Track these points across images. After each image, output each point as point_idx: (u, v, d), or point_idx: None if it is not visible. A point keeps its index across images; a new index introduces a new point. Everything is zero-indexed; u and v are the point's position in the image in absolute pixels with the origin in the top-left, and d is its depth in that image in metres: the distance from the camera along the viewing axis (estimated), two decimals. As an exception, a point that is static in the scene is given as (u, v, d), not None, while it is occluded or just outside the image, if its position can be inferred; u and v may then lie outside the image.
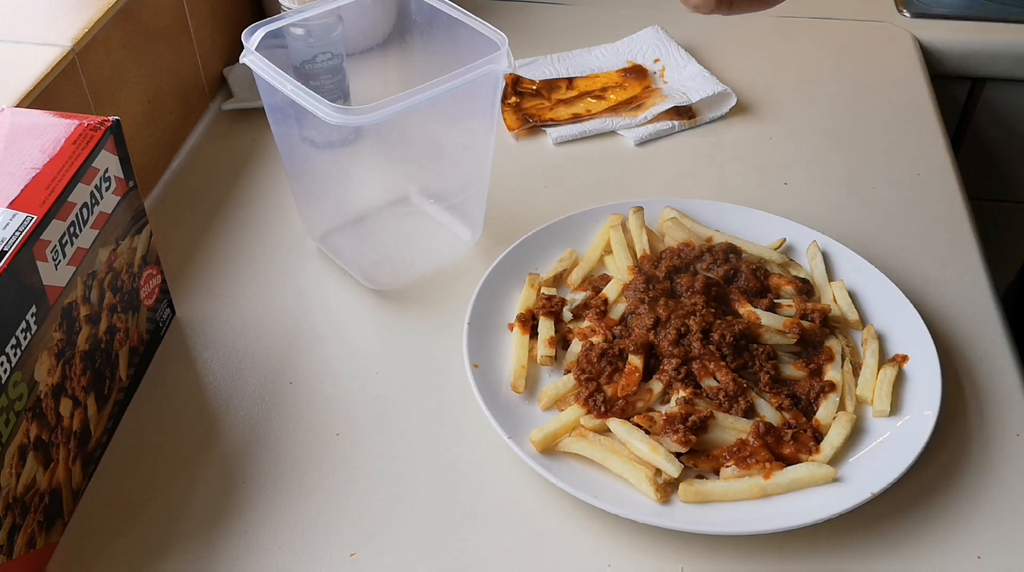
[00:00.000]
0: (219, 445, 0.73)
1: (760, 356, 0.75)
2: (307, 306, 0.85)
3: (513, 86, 1.09)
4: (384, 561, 0.66)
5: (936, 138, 1.04)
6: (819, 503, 0.66)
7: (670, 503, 0.67)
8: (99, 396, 0.71)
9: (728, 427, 0.70)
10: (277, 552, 0.66)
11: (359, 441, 0.74)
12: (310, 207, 0.89)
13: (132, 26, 0.90)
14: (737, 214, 0.89)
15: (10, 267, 0.58)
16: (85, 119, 0.69)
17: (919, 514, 0.68)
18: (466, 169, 0.90)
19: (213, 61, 1.08)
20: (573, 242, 0.87)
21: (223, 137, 1.05)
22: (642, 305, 0.78)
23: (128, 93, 0.91)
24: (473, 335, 0.77)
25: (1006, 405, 0.76)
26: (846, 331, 0.80)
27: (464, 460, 0.72)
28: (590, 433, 0.71)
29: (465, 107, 0.83)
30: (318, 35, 0.88)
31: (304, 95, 0.71)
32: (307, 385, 0.78)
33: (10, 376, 0.58)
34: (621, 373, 0.74)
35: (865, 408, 0.74)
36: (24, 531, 0.62)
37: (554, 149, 1.03)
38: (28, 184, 0.63)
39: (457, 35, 0.81)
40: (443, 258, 0.89)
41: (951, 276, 0.87)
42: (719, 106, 1.07)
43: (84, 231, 0.66)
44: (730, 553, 0.66)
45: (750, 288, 0.81)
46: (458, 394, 0.76)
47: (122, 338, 0.73)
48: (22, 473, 0.61)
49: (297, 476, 0.71)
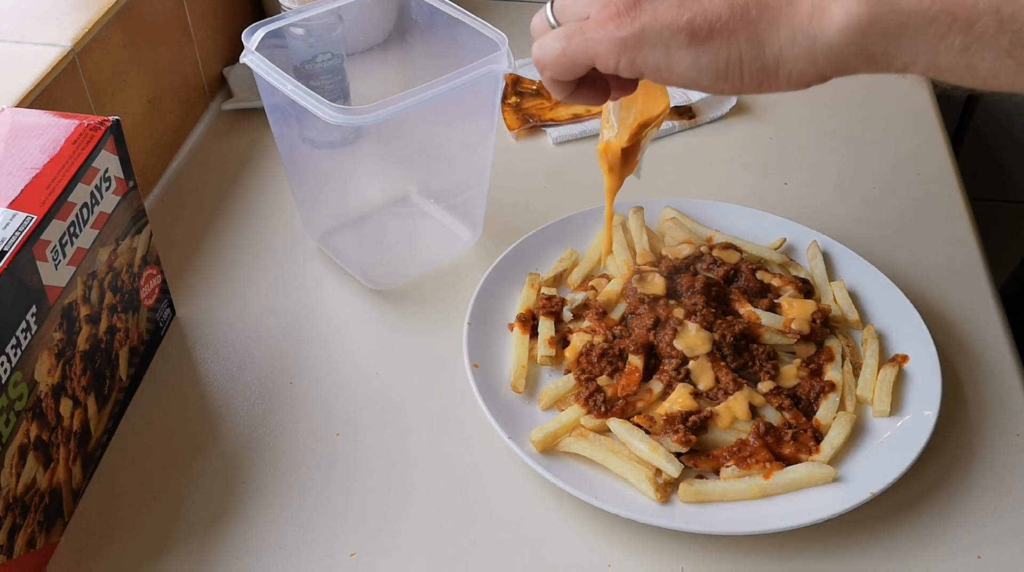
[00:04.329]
0: (219, 445, 0.73)
1: (760, 356, 0.75)
2: (307, 306, 0.85)
3: (513, 86, 1.09)
4: (384, 561, 0.66)
5: (936, 138, 1.04)
6: (819, 503, 0.66)
7: (670, 503, 0.67)
8: (99, 396, 0.71)
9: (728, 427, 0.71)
10: (277, 552, 0.66)
11: (359, 441, 0.74)
12: (310, 207, 0.89)
13: (132, 26, 0.90)
14: (737, 214, 0.89)
15: (10, 267, 0.58)
16: (85, 119, 0.69)
17: (919, 514, 0.68)
18: (466, 169, 0.90)
19: (213, 61, 1.08)
20: (573, 242, 0.87)
21: (223, 137, 1.05)
22: (642, 305, 0.78)
23: (128, 93, 0.91)
24: (473, 335, 0.77)
25: (1006, 405, 0.76)
26: (846, 331, 0.80)
27: (464, 460, 0.72)
28: (590, 433, 0.71)
29: (465, 107, 0.83)
30: (318, 35, 0.88)
31: (304, 95, 0.71)
32: (307, 385, 0.78)
33: (10, 376, 0.58)
34: (621, 373, 0.74)
35: (865, 408, 0.74)
36: (24, 531, 0.62)
37: (554, 149, 1.03)
38: (28, 184, 0.63)
39: (457, 35, 0.81)
40: (443, 258, 0.89)
41: (951, 276, 0.87)
42: (719, 106, 1.07)
43: (84, 231, 0.66)
44: (730, 553, 0.66)
45: (750, 288, 0.81)
46: (458, 394, 0.76)
47: (122, 338, 0.73)
48: (22, 473, 0.61)
49: (297, 476, 0.71)
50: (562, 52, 0.55)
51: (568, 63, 0.55)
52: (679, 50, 0.52)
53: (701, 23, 0.51)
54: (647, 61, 0.53)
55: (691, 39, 0.52)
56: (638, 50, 0.53)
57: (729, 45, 0.51)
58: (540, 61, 0.57)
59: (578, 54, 0.55)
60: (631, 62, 0.53)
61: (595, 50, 0.54)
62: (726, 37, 0.51)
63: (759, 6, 0.51)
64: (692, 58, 0.52)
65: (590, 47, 0.54)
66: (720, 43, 0.51)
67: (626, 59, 0.53)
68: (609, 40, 0.53)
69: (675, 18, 0.51)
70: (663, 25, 0.52)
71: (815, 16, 0.49)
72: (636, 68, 0.54)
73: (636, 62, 0.53)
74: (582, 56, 0.55)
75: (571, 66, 0.55)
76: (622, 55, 0.53)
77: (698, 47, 0.52)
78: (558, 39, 0.55)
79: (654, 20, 0.52)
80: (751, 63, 0.52)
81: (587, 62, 0.55)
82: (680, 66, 0.52)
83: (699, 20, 0.51)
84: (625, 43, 0.53)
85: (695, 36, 0.51)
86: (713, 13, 0.51)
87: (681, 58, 0.52)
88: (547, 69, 0.57)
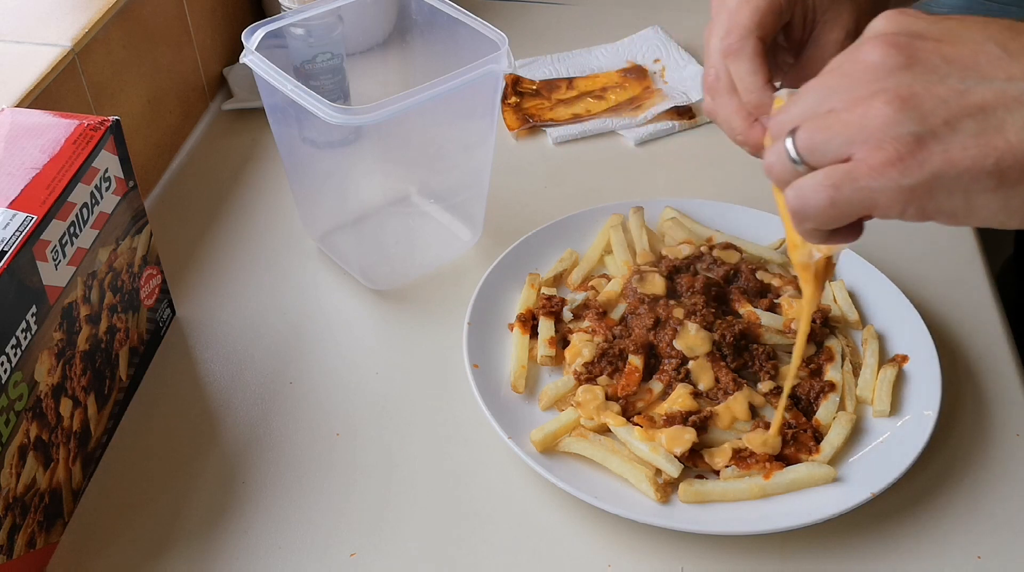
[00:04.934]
0: (219, 445, 0.73)
1: (760, 356, 0.75)
2: (307, 306, 0.85)
3: (513, 86, 1.09)
4: (384, 561, 0.66)
5: (936, 138, 1.03)
6: (819, 503, 0.66)
7: (670, 503, 0.67)
8: (99, 396, 0.71)
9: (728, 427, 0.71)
10: (277, 552, 0.66)
11: (359, 441, 0.74)
12: (310, 207, 0.89)
13: (132, 26, 0.90)
14: (737, 214, 0.89)
15: (10, 267, 0.58)
16: (85, 119, 0.69)
17: (919, 514, 0.68)
18: (466, 169, 0.90)
19: (213, 61, 1.08)
20: (573, 242, 0.87)
21: (223, 137, 1.05)
22: (642, 305, 0.78)
23: (128, 93, 0.91)
24: (473, 335, 0.77)
25: (1006, 405, 0.76)
26: (846, 331, 0.80)
27: (464, 460, 0.72)
28: (590, 433, 0.71)
29: (465, 107, 0.83)
30: (318, 35, 0.88)
31: (304, 95, 0.71)
32: (307, 385, 0.78)
33: (10, 376, 0.58)
34: (621, 373, 0.74)
35: (865, 408, 0.74)
36: (24, 531, 0.62)
37: (554, 149, 1.03)
38: (28, 184, 0.63)
39: (457, 35, 0.81)
40: (443, 258, 0.89)
41: (951, 276, 0.87)
42: (719, 106, 1.07)
43: (84, 231, 0.66)
44: (730, 553, 0.66)
45: (750, 288, 0.81)
46: (458, 394, 0.76)
47: (122, 338, 0.73)
48: (22, 473, 0.61)
49: (297, 476, 0.71)
50: (831, 204, 0.47)
51: (838, 215, 0.47)
52: (983, 194, 0.45)
53: (1012, 164, 0.44)
54: (942, 209, 0.46)
55: (1000, 183, 0.44)
56: (930, 199, 0.45)
57: None
58: (801, 212, 0.48)
59: (852, 206, 0.47)
60: (921, 210, 0.46)
61: (874, 200, 0.46)
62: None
63: None
64: (1001, 202, 0.45)
65: (867, 197, 0.46)
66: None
67: (914, 208, 0.46)
68: (894, 190, 0.45)
69: (976, 161, 0.44)
70: (962, 170, 0.44)
71: None
72: (927, 216, 0.46)
73: (927, 210, 0.46)
74: (857, 208, 0.47)
75: (841, 218, 0.48)
76: (909, 205, 0.46)
77: (1008, 191, 0.45)
78: (823, 188, 0.47)
79: (949, 165, 0.44)
80: None
81: (862, 213, 0.47)
82: (984, 211, 0.46)
83: (1008, 161, 0.44)
84: (914, 192, 0.45)
85: (1004, 180, 0.44)
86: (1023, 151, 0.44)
87: (986, 202, 0.45)
88: (809, 221, 0.49)
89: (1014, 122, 0.44)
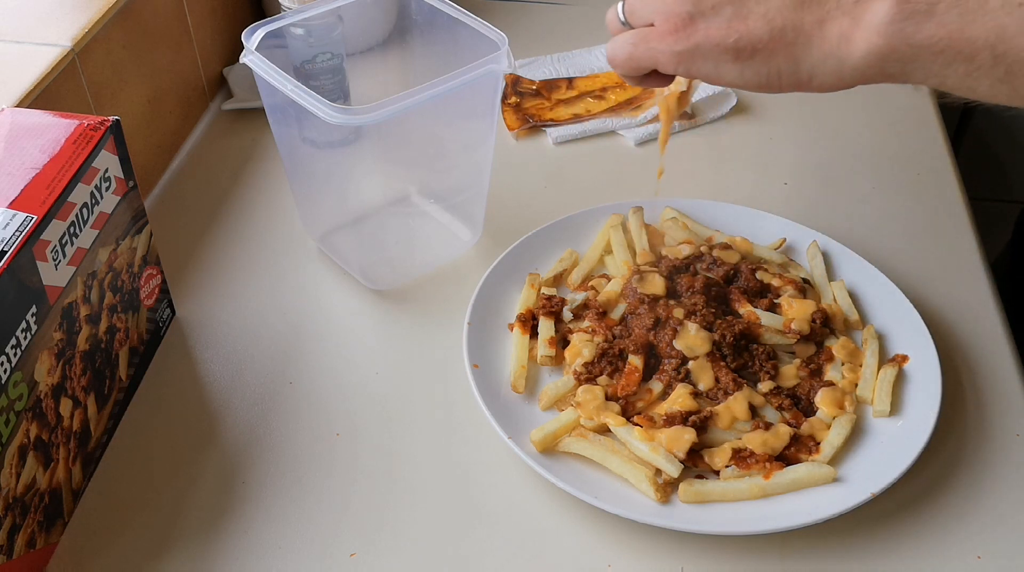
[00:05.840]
0: (219, 445, 0.73)
1: (760, 356, 0.75)
2: (307, 306, 0.85)
3: (513, 86, 1.09)
4: (384, 561, 0.66)
5: (936, 138, 1.04)
6: (819, 503, 0.66)
7: (670, 503, 0.67)
8: (99, 396, 0.71)
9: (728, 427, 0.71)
10: (277, 552, 0.66)
11: (359, 441, 0.74)
12: (310, 207, 0.89)
13: (132, 26, 0.90)
14: (737, 214, 0.89)
15: (10, 267, 0.58)
16: (85, 119, 0.69)
17: (919, 514, 0.68)
18: (466, 169, 0.90)
19: (213, 61, 1.08)
20: (573, 242, 0.87)
21: (223, 137, 1.05)
22: (642, 305, 0.78)
23: (128, 93, 0.91)
24: (473, 335, 0.77)
25: (1006, 405, 0.76)
26: (846, 331, 0.80)
27: (464, 460, 0.72)
28: (590, 433, 0.71)
29: (465, 107, 0.83)
30: (318, 35, 0.88)
31: (304, 95, 0.71)
32: (307, 385, 0.78)
33: (10, 376, 0.58)
34: (621, 373, 0.74)
35: (865, 408, 0.74)
36: (24, 531, 0.62)
37: (554, 149, 1.03)
38: (28, 184, 0.63)
39: (457, 35, 0.81)
40: (443, 258, 0.89)
41: (951, 276, 0.87)
42: (719, 106, 1.07)
43: (84, 231, 0.66)
44: (730, 553, 0.66)
45: (750, 288, 0.81)
46: (458, 394, 0.76)
47: (122, 338, 0.73)
48: (22, 473, 0.61)
49: (297, 476, 0.71)
50: (629, 57, 0.65)
51: (635, 66, 0.66)
52: (727, 64, 0.62)
53: (745, 44, 0.61)
54: (700, 70, 0.63)
55: (736, 57, 0.61)
56: (692, 62, 0.63)
57: (769, 62, 0.61)
58: (612, 60, 0.67)
59: (643, 59, 0.65)
60: (687, 70, 0.64)
61: (657, 59, 0.64)
62: (766, 56, 0.61)
63: (795, 30, 0.60)
64: (738, 71, 0.62)
65: (653, 56, 0.64)
66: (761, 60, 0.61)
67: (683, 68, 0.64)
68: (669, 52, 0.63)
69: (723, 38, 0.61)
70: (713, 44, 0.61)
71: (842, 43, 0.58)
72: (691, 74, 0.64)
73: (691, 70, 0.64)
74: (647, 62, 0.65)
75: (637, 68, 0.66)
76: (679, 65, 0.63)
77: (743, 63, 0.61)
78: (627, 44, 0.65)
79: (706, 39, 0.61)
80: (788, 76, 0.61)
81: (651, 66, 0.65)
82: (728, 76, 0.62)
83: (744, 42, 0.60)
84: (681, 56, 0.63)
85: (740, 54, 0.61)
86: (755, 35, 0.60)
87: (728, 70, 0.62)
88: (618, 67, 0.67)
89: (757, 11, 0.60)
